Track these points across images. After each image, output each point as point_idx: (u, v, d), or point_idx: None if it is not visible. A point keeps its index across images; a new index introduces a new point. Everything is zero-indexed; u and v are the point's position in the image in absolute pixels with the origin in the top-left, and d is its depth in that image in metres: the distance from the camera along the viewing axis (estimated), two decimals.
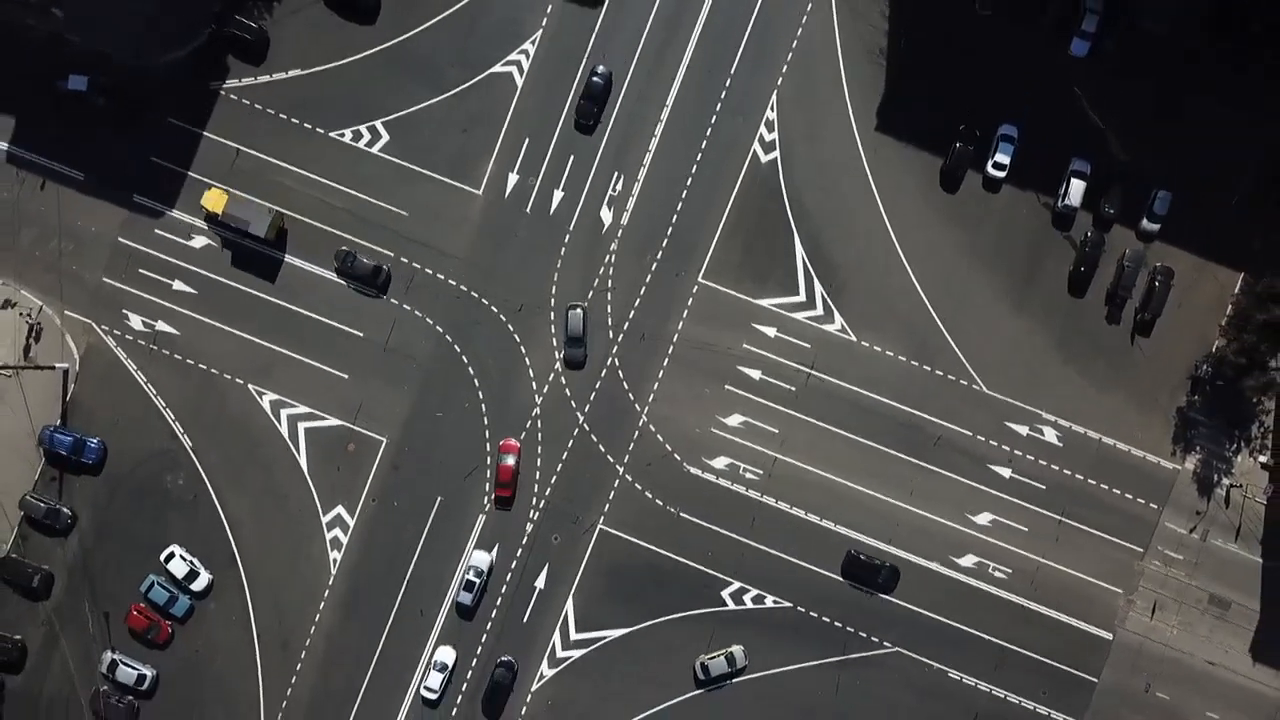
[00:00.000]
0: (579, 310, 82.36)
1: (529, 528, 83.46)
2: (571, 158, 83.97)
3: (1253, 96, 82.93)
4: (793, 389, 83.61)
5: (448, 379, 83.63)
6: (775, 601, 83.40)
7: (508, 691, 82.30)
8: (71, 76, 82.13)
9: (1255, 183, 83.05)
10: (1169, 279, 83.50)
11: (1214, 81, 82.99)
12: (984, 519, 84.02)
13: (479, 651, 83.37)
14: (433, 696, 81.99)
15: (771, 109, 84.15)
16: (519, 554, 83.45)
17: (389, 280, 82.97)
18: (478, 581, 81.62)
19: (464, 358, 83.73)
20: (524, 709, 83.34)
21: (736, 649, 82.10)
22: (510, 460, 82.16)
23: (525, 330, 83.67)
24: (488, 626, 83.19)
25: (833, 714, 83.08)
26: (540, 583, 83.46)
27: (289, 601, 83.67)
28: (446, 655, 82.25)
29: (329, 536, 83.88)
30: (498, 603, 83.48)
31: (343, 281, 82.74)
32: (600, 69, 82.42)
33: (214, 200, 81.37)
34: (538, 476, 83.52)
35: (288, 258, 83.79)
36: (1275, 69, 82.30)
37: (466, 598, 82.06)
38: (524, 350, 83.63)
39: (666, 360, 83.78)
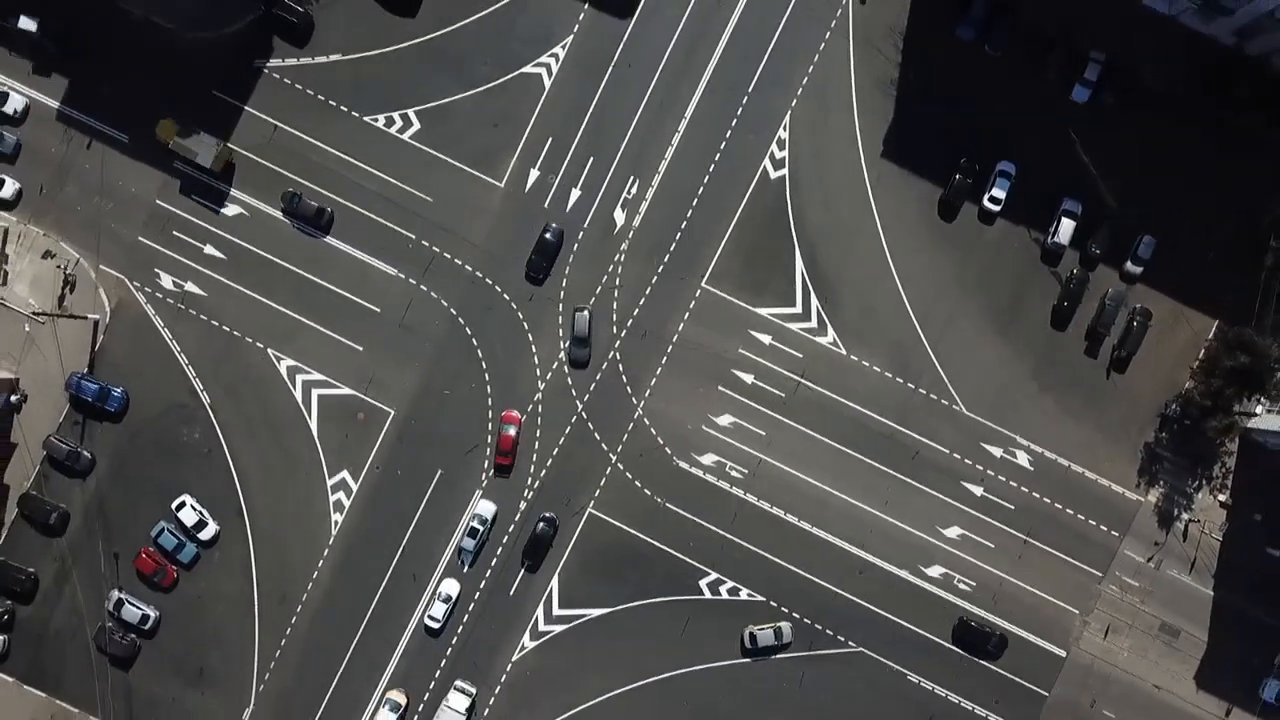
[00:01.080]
0: (585, 312, 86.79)
1: (522, 505, 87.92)
2: (591, 159, 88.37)
3: (1240, 155, 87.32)
4: (782, 395, 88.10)
5: (457, 359, 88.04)
6: (749, 594, 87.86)
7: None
8: (22, 17, 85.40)
9: (1235, 236, 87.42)
10: (1147, 320, 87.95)
11: (1204, 137, 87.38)
12: (953, 533, 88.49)
13: (464, 619, 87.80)
14: (436, 625, 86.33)
15: (784, 128, 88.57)
16: (510, 529, 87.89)
17: (331, 221, 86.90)
18: (481, 529, 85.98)
19: (474, 340, 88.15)
20: (504, 676, 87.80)
21: (785, 625, 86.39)
22: (511, 430, 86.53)
23: (534, 319, 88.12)
24: (476, 596, 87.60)
25: (797, 705, 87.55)
26: (526, 565, 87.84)
27: (290, 557, 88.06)
28: (448, 592, 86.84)
29: (333, 499, 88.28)
30: (486, 574, 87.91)
31: (288, 221, 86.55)
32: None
33: (165, 130, 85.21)
34: (534, 458, 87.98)
35: (315, 232, 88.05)
36: (1261, 130, 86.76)
37: (470, 543, 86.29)
38: (531, 338, 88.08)
39: (665, 358, 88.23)
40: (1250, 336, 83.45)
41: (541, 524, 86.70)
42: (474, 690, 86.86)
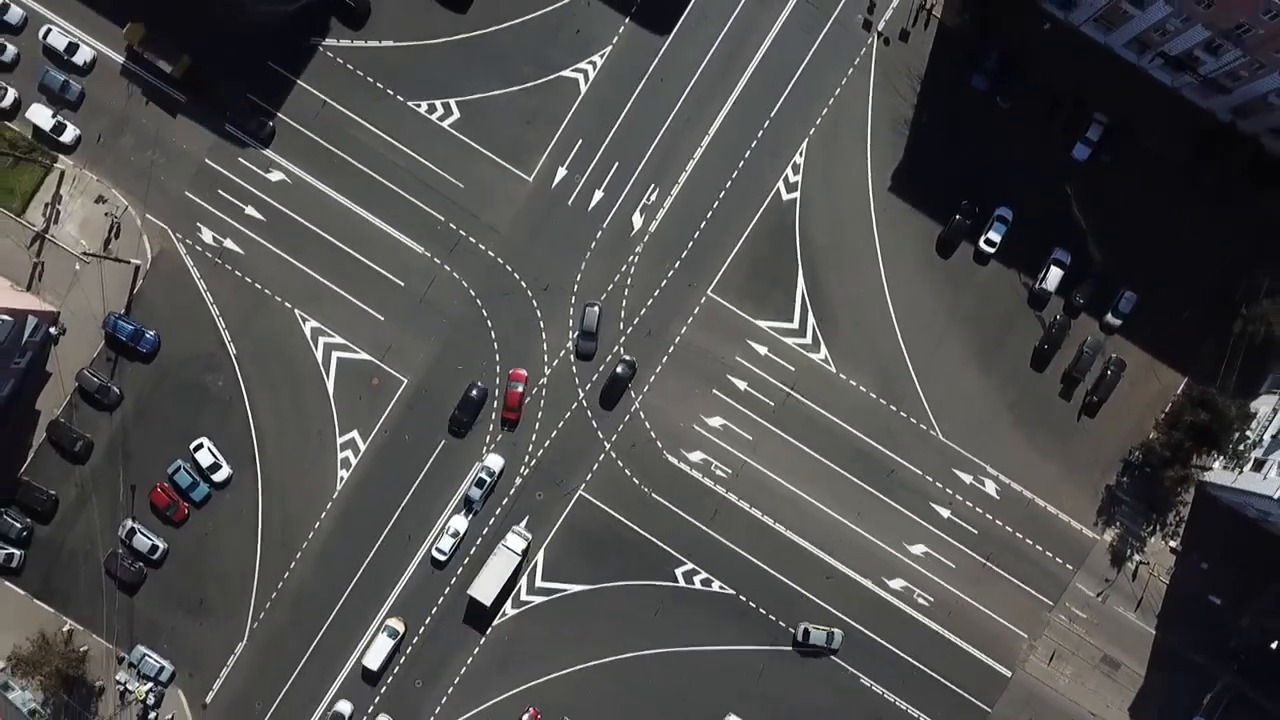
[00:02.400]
0: (595, 308, 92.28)
1: (518, 481, 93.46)
2: (616, 164, 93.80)
3: (1225, 225, 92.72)
4: (772, 404, 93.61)
5: (471, 338, 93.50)
6: (720, 587, 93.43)
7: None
8: None
9: (1211, 300, 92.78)
10: (1121, 370, 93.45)
11: (1192, 205, 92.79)
12: (918, 549, 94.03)
13: (452, 583, 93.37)
14: (442, 558, 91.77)
15: (800, 154, 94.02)
16: (504, 503, 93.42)
17: (272, 136, 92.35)
18: (489, 480, 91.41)
19: (489, 322, 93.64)
20: (483, 640, 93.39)
21: (839, 632, 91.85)
22: (519, 387, 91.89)
23: (547, 308, 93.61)
24: (465, 562, 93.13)
25: (754, 694, 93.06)
26: (519, 528, 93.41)
27: (295, 506, 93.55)
28: (453, 531, 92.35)
29: (340, 456, 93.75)
30: (478, 542, 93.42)
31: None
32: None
33: (134, 33, 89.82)
34: (534, 439, 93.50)
35: (349, 203, 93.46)
36: (1249, 201, 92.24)
37: (476, 493, 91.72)
38: (542, 326, 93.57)
39: (666, 358, 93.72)
40: (1213, 396, 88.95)
41: (622, 366, 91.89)
42: (530, 535, 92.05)
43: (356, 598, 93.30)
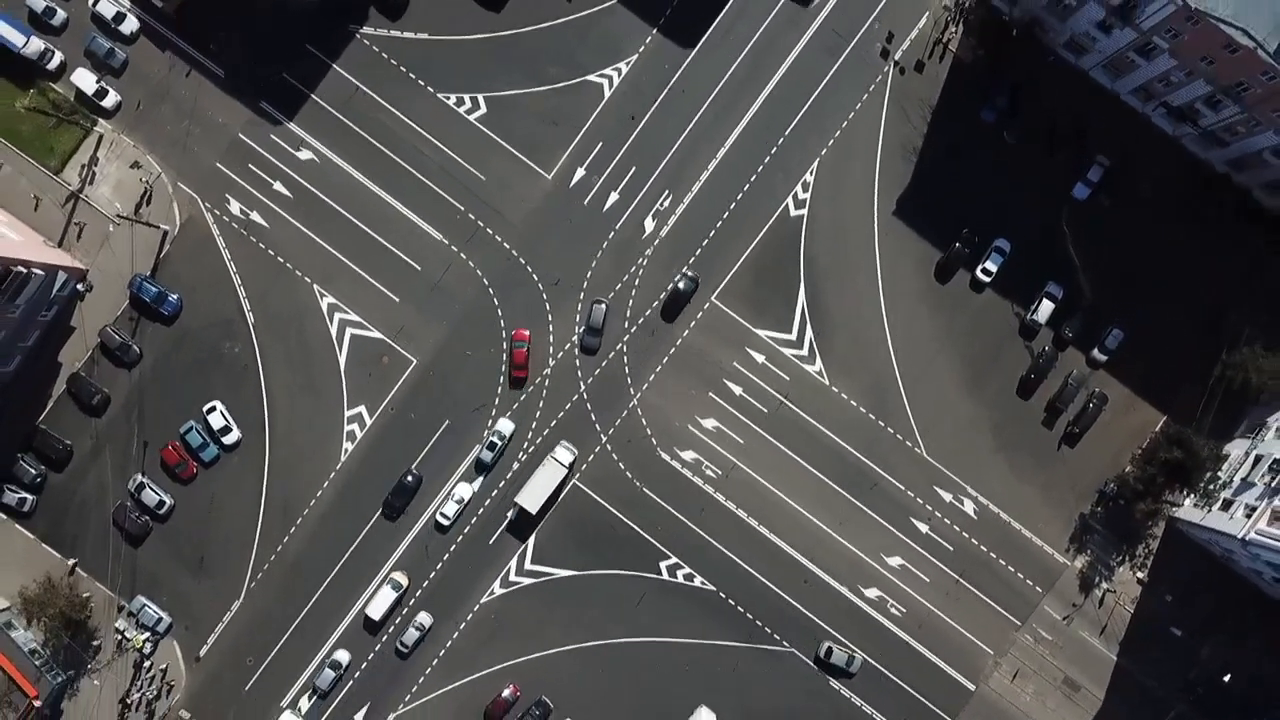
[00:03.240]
0: (602, 305, 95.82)
1: (515, 465, 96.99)
2: (634, 169, 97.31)
3: (1213, 272, 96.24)
4: (765, 410, 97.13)
5: (481, 325, 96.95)
6: (702, 582, 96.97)
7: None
8: None
9: (1195, 344, 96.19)
10: (1103, 404, 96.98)
11: (1183, 251, 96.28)
12: (895, 561, 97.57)
13: (446, 557, 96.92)
14: (446, 522, 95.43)
15: (811, 173, 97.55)
16: (501, 485, 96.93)
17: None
18: (499, 444, 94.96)
19: (499, 310, 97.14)
20: (470, 615, 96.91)
21: (859, 657, 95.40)
22: (524, 347, 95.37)
23: (556, 302, 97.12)
24: (459, 538, 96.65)
25: (724, 687, 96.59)
26: (513, 514, 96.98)
27: (299, 474, 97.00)
28: (458, 498, 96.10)
29: (347, 429, 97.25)
30: (473, 521, 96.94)
31: None
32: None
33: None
34: (534, 425, 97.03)
35: (373, 186, 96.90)
36: (1237, 252, 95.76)
37: (488, 456, 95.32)
38: (550, 319, 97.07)
39: (667, 358, 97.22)
40: (1188, 436, 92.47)
41: (685, 281, 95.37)
42: (577, 451, 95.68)
43: (352, 566, 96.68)
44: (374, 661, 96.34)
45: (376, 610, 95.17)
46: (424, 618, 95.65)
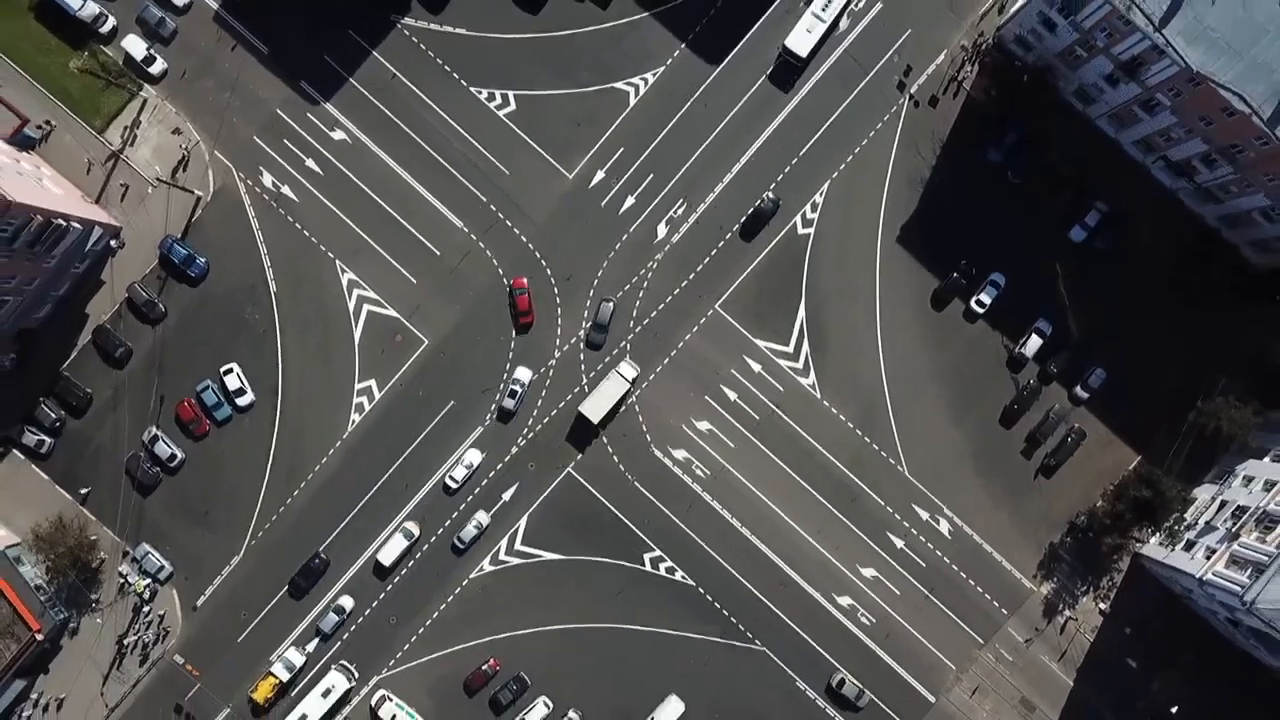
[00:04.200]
0: (610, 304, 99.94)
1: (514, 450, 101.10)
2: (651, 175, 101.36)
3: (1198, 322, 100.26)
4: (757, 418, 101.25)
5: (492, 313, 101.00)
6: (682, 577, 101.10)
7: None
8: None
9: (1174, 390, 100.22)
10: (1080, 439, 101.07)
11: (1171, 299, 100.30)
12: (869, 573, 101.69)
13: (446, 524, 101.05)
14: (454, 486, 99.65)
15: (820, 194, 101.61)
16: (499, 467, 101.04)
17: None
18: (520, 390, 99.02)
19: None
20: (459, 589, 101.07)
21: (869, 695, 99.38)
22: (525, 294, 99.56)
23: (566, 297, 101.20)
24: (460, 508, 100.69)
25: (695, 680, 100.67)
26: (507, 495, 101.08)
27: (307, 440, 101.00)
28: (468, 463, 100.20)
29: (355, 401, 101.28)
30: (468, 499, 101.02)
31: None
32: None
33: None
34: (535, 412, 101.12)
35: (401, 171, 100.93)
36: (1220, 306, 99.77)
37: (510, 404, 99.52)
38: (560, 313, 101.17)
39: (667, 360, 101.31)
40: (1159, 477, 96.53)
41: (766, 202, 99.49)
42: (640, 368, 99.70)
43: (349, 533, 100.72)
44: (361, 628, 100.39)
45: (388, 556, 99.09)
46: (482, 517, 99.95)
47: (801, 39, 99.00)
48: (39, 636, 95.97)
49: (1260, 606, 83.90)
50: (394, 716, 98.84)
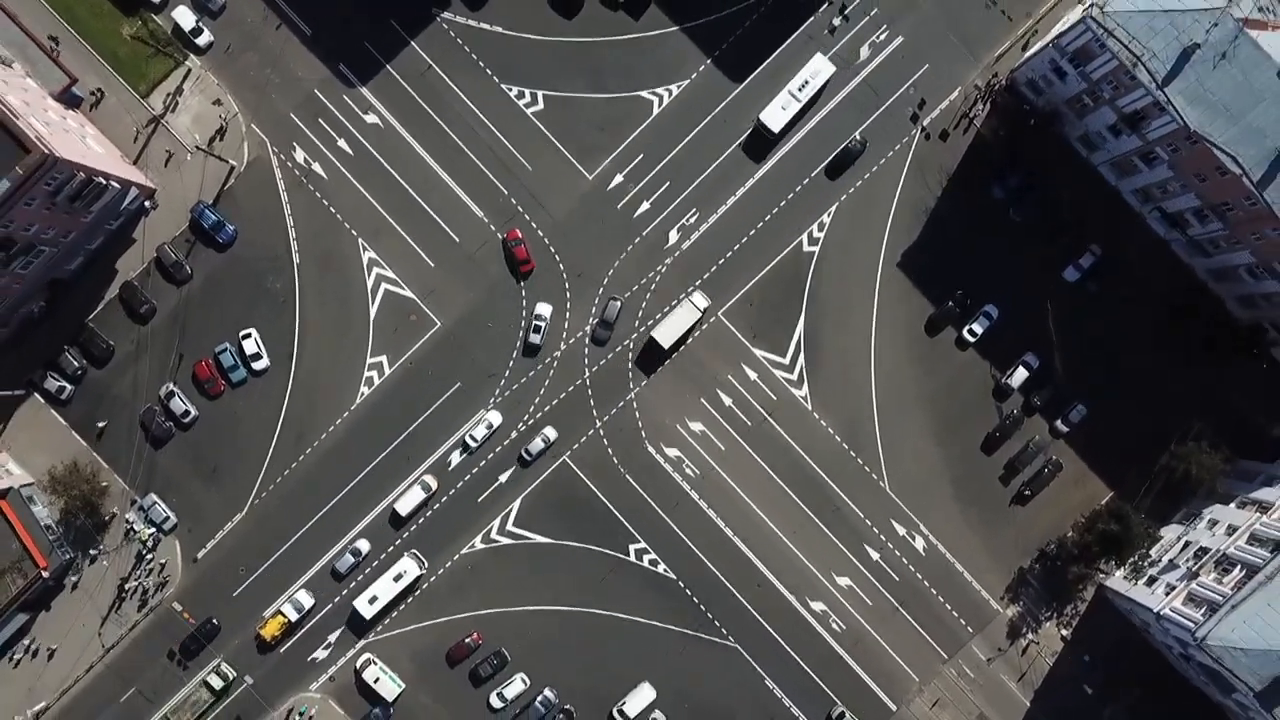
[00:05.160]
0: (618, 303, 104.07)
1: (513, 434, 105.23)
2: (668, 183, 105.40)
3: (1180, 370, 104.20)
4: (749, 424, 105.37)
5: (504, 301, 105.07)
6: (665, 570, 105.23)
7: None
8: None
9: (1150, 431, 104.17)
10: (1057, 471, 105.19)
11: (1155, 344, 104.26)
12: (843, 582, 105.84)
13: (451, 493, 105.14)
14: (473, 444, 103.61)
15: (828, 215, 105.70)
16: (498, 449, 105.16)
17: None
18: (543, 325, 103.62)
19: (523, 291, 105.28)
20: (449, 563, 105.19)
21: None
22: (521, 244, 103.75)
23: (576, 293, 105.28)
24: (462, 481, 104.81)
25: (667, 670, 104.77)
26: (503, 478, 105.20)
27: (316, 408, 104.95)
28: (489, 420, 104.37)
29: (366, 374, 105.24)
30: (466, 478, 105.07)
31: None
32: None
33: None
34: (537, 400, 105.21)
35: (428, 158, 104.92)
36: (1201, 357, 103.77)
37: (536, 338, 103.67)
38: (569, 307, 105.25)
39: (668, 361, 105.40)
40: (1128, 513, 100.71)
41: (855, 143, 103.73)
42: (711, 300, 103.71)
43: (348, 501, 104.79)
44: (354, 592, 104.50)
45: (404, 507, 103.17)
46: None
47: (775, 115, 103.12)
48: (45, 574, 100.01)
49: (1210, 643, 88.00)
50: (378, 680, 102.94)
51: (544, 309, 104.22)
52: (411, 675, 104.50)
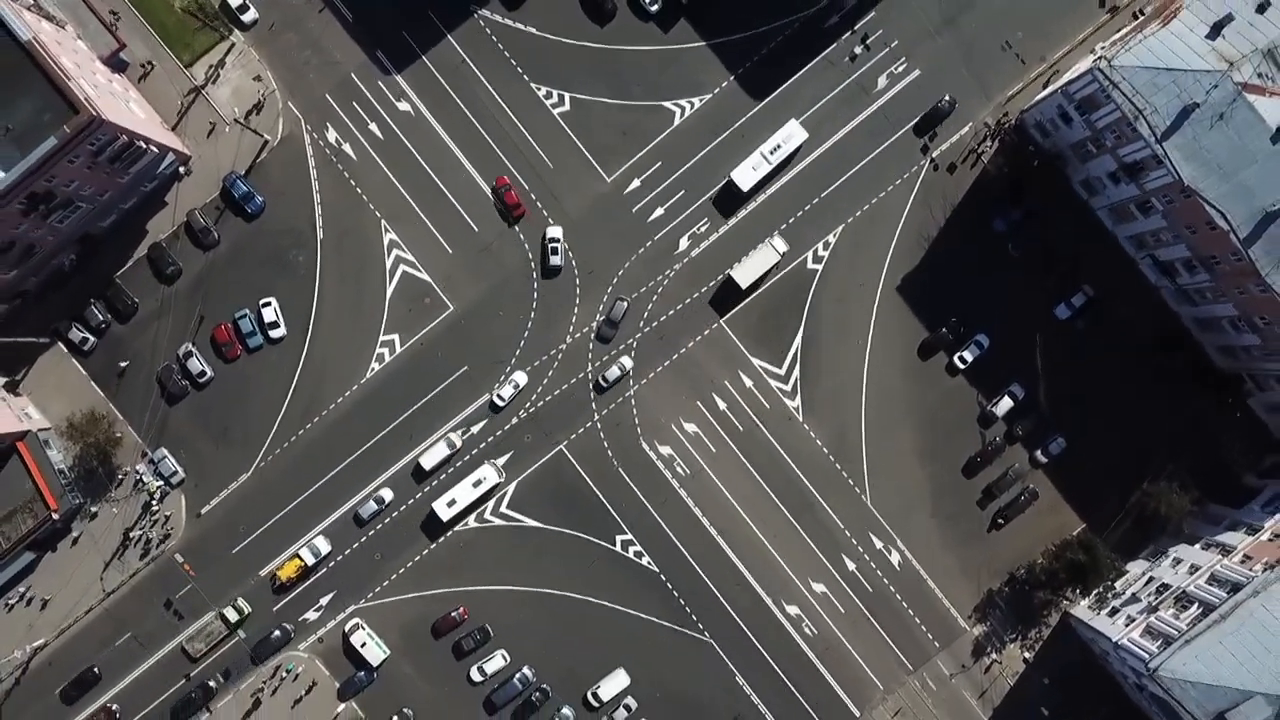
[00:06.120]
0: (624, 303, 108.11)
1: (514, 420, 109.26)
2: (683, 192, 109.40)
3: (1160, 411, 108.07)
4: (741, 429, 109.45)
5: (517, 292, 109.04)
6: (648, 563, 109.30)
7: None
8: None
9: (1125, 468, 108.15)
10: (1033, 499, 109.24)
11: (1138, 387, 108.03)
12: (819, 588, 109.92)
13: (466, 458, 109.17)
14: (501, 404, 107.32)
15: (834, 235, 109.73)
16: (497, 434, 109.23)
17: None
18: (559, 245, 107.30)
19: (535, 283, 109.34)
20: (442, 539, 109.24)
21: None
22: (511, 190, 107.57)
23: (586, 290, 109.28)
24: (465, 458, 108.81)
25: (642, 659, 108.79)
26: (501, 462, 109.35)
27: (327, 379, 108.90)
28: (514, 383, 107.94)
29: (377, 351, 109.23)
30: (466, 459, 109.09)
31: None
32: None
33: None
34: (539, 391, 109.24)
35: (455, 148, 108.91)
36: (1181, 401, 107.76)
37: (555, 260, 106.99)
38: (578, 303, 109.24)
39: (668, 362, 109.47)
40: (1097, 545, 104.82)
41: (943, 103, 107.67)
42: (790, 245, 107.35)
43: (347, 473, 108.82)
44: (348, 559, 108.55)
45: (429, 461, 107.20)
46: (626, 361, 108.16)
47: (746, 175, 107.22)
48: (55, 515, 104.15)
49: (1162, 674, 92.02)
50: (364, 644, 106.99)
51: (555, 231, 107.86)
52: (397, 643, 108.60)
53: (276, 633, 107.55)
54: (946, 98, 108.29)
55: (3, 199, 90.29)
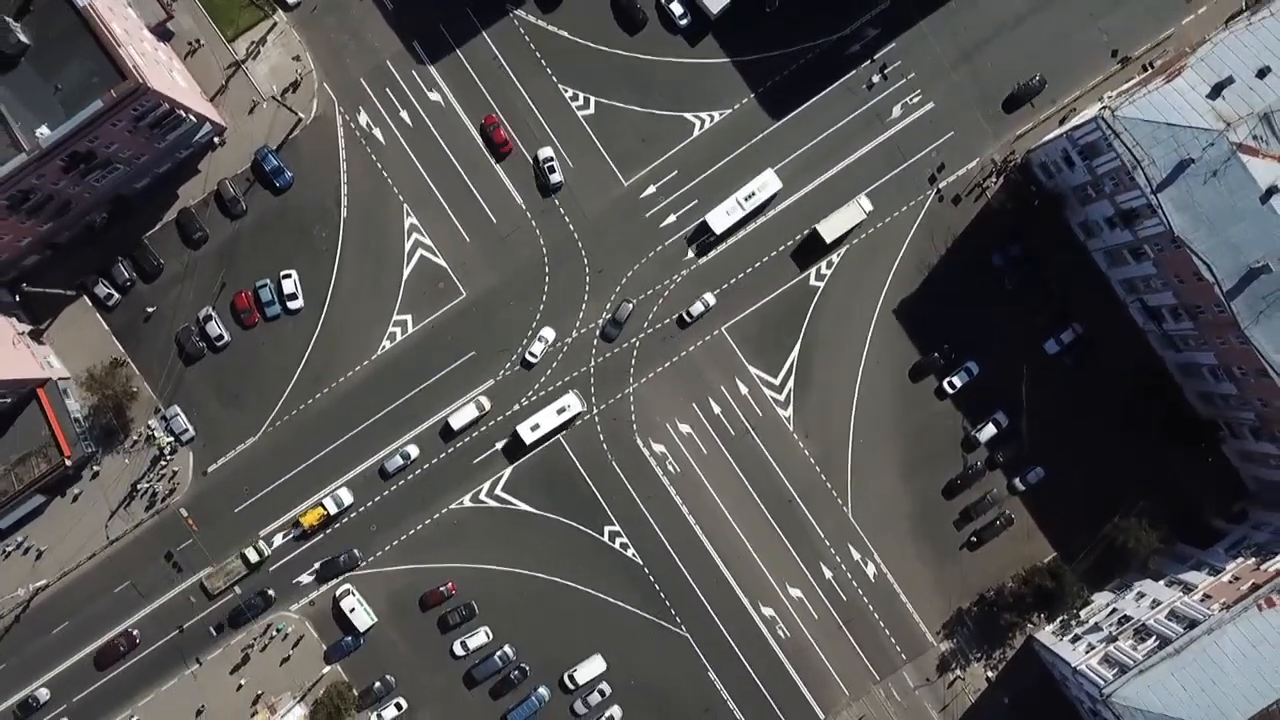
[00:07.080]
0: (630, 304, 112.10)
1: (517, 407, 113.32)
2: (696, 201, 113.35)
3: (1135, 452, 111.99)
4: (732, 433, 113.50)
5: (528, 284, 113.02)
6: (633, 555, 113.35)
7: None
8: None
9: (1099, 502, 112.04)
10: (1007, 525, 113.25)
11: (1118, 427, 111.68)
12: (795, 593, 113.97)
13: (483, 432, 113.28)
14: (534, 360, 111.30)
15: (838, 255, 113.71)
16: (498, 419, 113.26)
17: None
18: (553, 163, 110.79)
19: (546, 277, 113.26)
20: (437, 515, 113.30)
21: None
22: (498, 126, 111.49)
23: (595, 288, 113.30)
24: (464, 441, 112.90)
25: (619, 647, 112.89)
26: (499, 445, 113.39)
27: (339, 353, 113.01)
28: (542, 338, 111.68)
29: (389, 330, 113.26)
30: (464, 441, 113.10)
31: None
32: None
33: None
34: (541, 382, 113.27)
35: (480, 141, 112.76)
36: (1159, 444, 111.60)
37: (555, 177, 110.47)
38: (586, 300, 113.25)
39: (669, 363, 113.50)
40: (1064, 573, 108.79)
41: (1034, 80, 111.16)
42: (874, 206, 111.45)
43: (345, 448, 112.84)
44: (346, 528, 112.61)
45: (458, 421, 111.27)
46: (709, 297, 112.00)
47: (720, 219, 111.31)
48: (68, 462, 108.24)
49: (1115, 701, 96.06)
50: (353, 610, 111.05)
51: (546, 151, 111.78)
52: (385, 612, 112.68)
53: (256, 597, 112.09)
54: (1039, 75, 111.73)
55: (46, 155, 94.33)
